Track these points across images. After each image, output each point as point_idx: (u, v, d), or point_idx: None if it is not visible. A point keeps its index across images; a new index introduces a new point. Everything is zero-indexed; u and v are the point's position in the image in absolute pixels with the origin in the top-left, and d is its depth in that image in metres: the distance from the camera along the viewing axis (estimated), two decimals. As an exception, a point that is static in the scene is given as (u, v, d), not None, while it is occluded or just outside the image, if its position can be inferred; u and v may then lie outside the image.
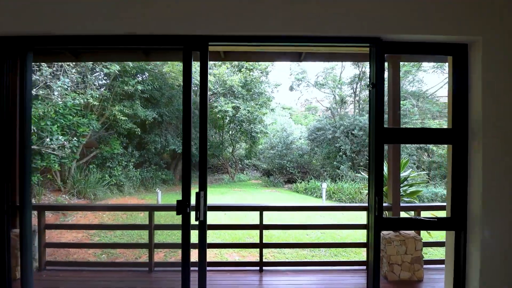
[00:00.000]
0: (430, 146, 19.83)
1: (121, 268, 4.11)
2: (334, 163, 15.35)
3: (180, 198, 2.08)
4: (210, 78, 10.58)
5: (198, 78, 2.05)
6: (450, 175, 2.02)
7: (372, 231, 1.72)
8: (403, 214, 3.68)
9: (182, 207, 2.04)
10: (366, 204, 3.59)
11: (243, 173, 20.55)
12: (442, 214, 2.26)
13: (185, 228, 2.00)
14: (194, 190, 2.08)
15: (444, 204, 2.25)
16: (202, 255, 2.02)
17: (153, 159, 12.81)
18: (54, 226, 5.32)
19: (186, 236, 2.00)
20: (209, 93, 13.16)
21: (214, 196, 11.51)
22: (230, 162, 19.92)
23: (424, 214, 3.45)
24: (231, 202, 9.71)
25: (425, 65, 12.71)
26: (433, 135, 2.09)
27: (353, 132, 14.47)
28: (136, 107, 8.52)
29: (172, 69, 8.27)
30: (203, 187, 2.12)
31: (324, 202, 10.08)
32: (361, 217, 7.69)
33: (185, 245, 1.98)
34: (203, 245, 2.05)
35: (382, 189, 1.74)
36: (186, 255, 1.98)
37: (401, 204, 3.37)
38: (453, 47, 1.99)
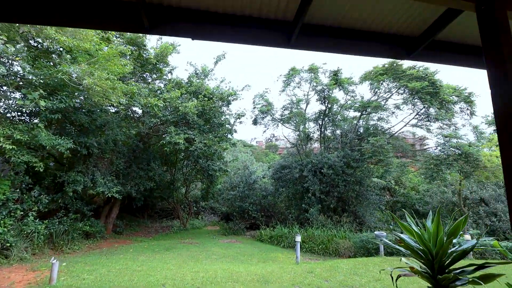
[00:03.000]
0: (393, 184, 19.72)
1: None
2: (302, 205, 13.65)
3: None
4: (158, 102, 8.50)
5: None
6: None
7: None
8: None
9: None
10: None
11: (198, 218, 17.60)
12: None
13: None
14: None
15: None
16: None
17: (72, 205, 9.60)
18: None
19: None
20: (156, 120, 11.00)
21: (156, 255, 8.62)
22: (183, 205, 16.94)
23: None
24: (171, 265, 7.04)
25: (390, 102, 12.56)
26: None
27: (321, 170, 13.21)
28: (37, 131, 5.81)
29: (99, 81, 5.96)
30: None
31: (298, 260, 7.98)
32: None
33: None
34: None
35: None
36: None
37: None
38: None
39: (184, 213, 16.34)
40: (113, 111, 11.81)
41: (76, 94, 7.78)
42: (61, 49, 7.25)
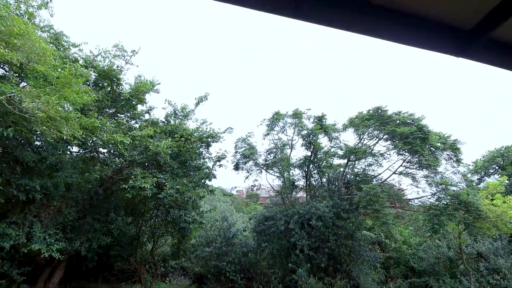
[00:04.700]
0: (383, 238, 18.32)
1: None
2: (289, 264, 11.81)
3: None
4: (124, 139, 7.29)
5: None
6: None
7: None
8: None
9: None
10: None
11: (164, 282, 14.73)
12: None
13: None
14: None
15: None
16: None
17: (-6, 268, 7.36)
18: None
19: None
20: (121, 161, 9.55)
21: None
22: (148, 264, 14.27)
23: None
24: None
25: (377, 148, 12.19)
26: None
27: (310, 222, 11.85)
28: None
29: (44, 106, 4.71)
30: None
31: None
32: None
33: None
34: None
35: None
36: None
37: None
38: None
39: (148, 274, 13.65)
40: (76, 150, 10.30)
41: (24, 124, 6.45)
42: (11, 72, 6.19)
